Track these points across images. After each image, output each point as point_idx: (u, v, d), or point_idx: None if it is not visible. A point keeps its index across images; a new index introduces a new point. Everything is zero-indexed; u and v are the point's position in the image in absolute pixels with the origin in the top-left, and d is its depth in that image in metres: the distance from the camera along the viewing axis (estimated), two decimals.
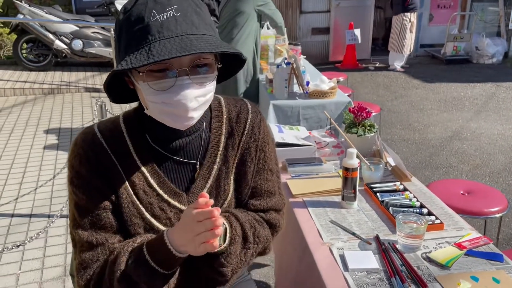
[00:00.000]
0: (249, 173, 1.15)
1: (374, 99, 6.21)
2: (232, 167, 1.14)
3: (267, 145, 1.18)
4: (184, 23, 0.92)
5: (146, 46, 0.90)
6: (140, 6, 0.93)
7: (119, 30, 0.96)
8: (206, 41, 0.91)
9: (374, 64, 8.47)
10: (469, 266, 1.28)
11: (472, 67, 8.18)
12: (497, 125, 5.15)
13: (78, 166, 1.02)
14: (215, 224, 0.89)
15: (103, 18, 8.08)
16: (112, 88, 1.03)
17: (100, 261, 1.02)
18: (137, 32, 0.92)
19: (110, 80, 0.98)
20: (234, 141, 1.13)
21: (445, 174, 3.96)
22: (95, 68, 7.99)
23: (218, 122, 1.13)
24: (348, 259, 1.31)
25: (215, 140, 1.12)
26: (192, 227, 0.90)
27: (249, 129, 1.14)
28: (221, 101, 1.17)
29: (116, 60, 1.00)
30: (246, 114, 1.15)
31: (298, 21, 8.50)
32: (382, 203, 1.60)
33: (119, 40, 0.97)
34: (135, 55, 0.90)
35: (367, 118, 2.01)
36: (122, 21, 0.96)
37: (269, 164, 1.18)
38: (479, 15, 8.78)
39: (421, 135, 4.91)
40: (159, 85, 0.93)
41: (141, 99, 1.01)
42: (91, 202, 1.02)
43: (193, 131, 1.08)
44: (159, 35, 0.90)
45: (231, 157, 1.13)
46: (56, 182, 3.72)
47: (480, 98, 6.26)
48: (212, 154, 1.11)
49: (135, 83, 0.98)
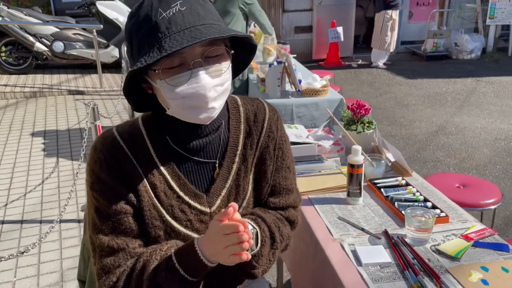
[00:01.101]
0: (268, 172, 1.16)
1: (359, 96, 6.29)
2: (251, 166, 1.14)
3: (284, 143, 1.19)
4: (191, 16, 0.93)
5: (158, 44, 0.91)
6: (145, 8, 0.95)
7: (129, 35, 0.97)
8: (215, 28, 0.93)
9: (357, 62, 8.57)
10: (478, 257, 1.32)
11: (452, 63, 8.35)
12: (479, 119, 5.28)
13: (98, 171, 1.01)
14: (241, 239, 0.90)
15: (84, 19, 7.96)
16: (130, 96, 1.03)
17: (122, 266, 1.01)
18: (147, 33, 0.93)
19: (128, 85, 0.97)
20: (253, 140, 1.14)
21: (433, 168, 4.04)
22: (77, 70, 7.86)
23: (236, 122, 1.14)
24: (361, 254, 1.33)
25: (234, 140, 1.12)
26: (220, 240, 0.92)
27: (267, 128, 1.15)
28: (237, 101, 1.17)
29: (130, 66, 1.00)
30: (263, 113, 1.16)
31: (281, 20, 8.53)
32: (387, 198, 1.63)
33: (131, 46, 0.98)
34: (148, 54, 0.91)
35: (366, 115, 2.04)
36: (131, 26, 0.97)
37: (287, 162, 1.20)
38: (457, 12, 8.97)
39: (408, 131, 4.99)
40: (176, 80, 0.94)
41: (161, 100, 1.01)
42: (112, 207, 1.01)
43: (213, 131, 1.08)
44: (168, 31, 0.91)
45: (249, 156, 1.14)
46: (45, 187, 3.66)
47: (462, 93, 6.40)
48: (231, 153, 1.12)
49: (153, 84, 0.98)
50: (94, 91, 6.65)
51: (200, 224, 1.09)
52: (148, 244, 1.06)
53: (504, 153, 4.33)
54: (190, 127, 1.03)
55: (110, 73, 7.65)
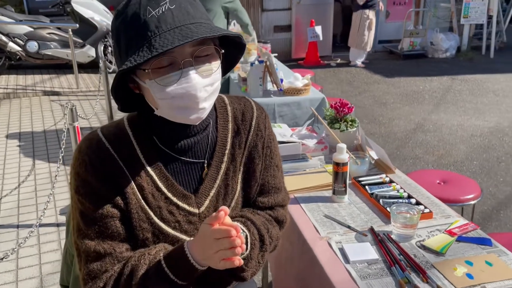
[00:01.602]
0: (257, 171, 1.15)
1: (339, 94, 6.34)
2: (239, 165, 1.13)
3: (272, 141, 1.18)
4: (180, 14, 0.91)
5: (147, 43, 0.89)
6: (133, 6, 0.92)
7: (117, 34, 0.95)
8: (205, 27, 0.92)
9: (335, 61, 8.64)
10: (462, 251, 1.34)
11: (428, 61, 8.51)
12: (456, 117, 5.39)
13: (84, 174, 0.99)
14: (233, 244, 0.88)
15: (59, 18, 7.80)
16: (118, 96, 1.00)
17: (109, 271, 0.99)
18: (136, 31, 0.91)
19: (116, 86, 0.95)
20: (241, 139, 1.13)
21: (413, 165, 4.11)
22: (52, 70, 7.69)
23: (224, 121, 1.13)
24: (348, 252, 1.34)
25: (222, 139, 1.11)
26: (211, 244, 0.90)
27: (255, 126, 1.14)
28: (224, 100, 1.16)
29: (117, 66, 0.97)
30: (251, 111, 1.15)
31: (260, 19, 8.53)
32: (372, 195, 1.64)
33: (118, 45, 0.95)
34: (137, 54, 0.89)
35: (349, 113, 2.05)
36: (118, 24, 0.94)
37: (275, 160, 1.19)
38: (432, 11, 9.14)
39: (387, 129, 5.06)
40: (166, 80, 0.92)
41: (149, 100, 0.99)
42: (98, 210, 0.98)
43: (201, 130, 1.06)
44: (158, 29, 0.89)
45: (238, 155, 1.13)
46: (22, 190, 3.56)
47: (438, 91, 6.53)
48: (219, 153, 1.10)
49: (142, 84, 0.96)
50: (70, 91, 6.52)
51: (189, 225, 1.07)
52: (135, 247, 1.04)
53: (480, 149, 4.44)
54: (178, 126, 1.02)
55: (87, 73, 7.51)
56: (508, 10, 9.45)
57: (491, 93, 6.35)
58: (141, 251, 1.00)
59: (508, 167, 4.00)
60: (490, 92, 6.37)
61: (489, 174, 3.88)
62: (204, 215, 1.09)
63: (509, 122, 5.15)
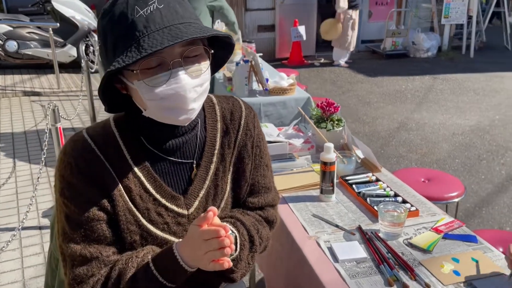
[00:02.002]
0: (247, 170, 1.15)
1: (323, 94, 6.37)
2: (229, 165, 1.12)
3: (262, 140, 1.18)
4: (169, 14, 0.90)
5: (135, 43, 0.87)
6: (120, 5, 0.91)
7: (103, 33, 0.93)
8: (195, 27, 0.91)
9: (319, 60, 8.69)
10: (448, 248, 1.36)
11: (410, 61, 8.62)
12: (438, 115, 5.48)
13: (69, 177, 0.96)
14: (223, 245, 0.88)
15: (39, 17, 7.65)
16: (105, 97, 0.98)
17: (95, 276, 0.97)
18: (123, 31, 0.89)
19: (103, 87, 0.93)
20: (230, 139, 1.12)
21: (397, 163, 4.15)
22: (32, 70, 7.55)
23: (213, 120, 1.12)
24: (337, 251, 1.34)
25: (211, 139, 1.10)
26: (199, 245, 0.90)
27: (244, 126, 1.14)
28: (212, 99, 1.15)
29: (104, 67, 0.95)
30: (239, 111, 1.15)
31: (244, 19, 8.52)
32: (359, 194, 1.65)
33: (104, 44, 0.93)
34: (125, 54, 0.87)
35: (335, 113, 2.06)
36: (105, 23, 0.92)
37: (265, 160, 1.19)
38: (413, 12, 9.27)
39: (371, 128, 5.11)
40: (155, 80, 0.91)
41: (137, 101, 0.97)
42: (84, 214, 0.96)
43: (189, 130, 1.05)
44: (146, 29, 0.88)
45: (227, 155, 1.12)
46: (2, 193, 3.48)
47: (420, 90, 6.62)
48: (208, 153, 1.09)
49: (129, 85, 0.94)
50: (51, 92, 6.40)
51: (178, 226, 1.06)
52: (122, 250, 1.02)
53: (462, 147, 4.51)
54: (166, 126, 1.00)
55: (68, 73, 7.39)
56: (487, 10, 9.64)
57: (471, 92, 6.46)
58: (128, 254, 0.99)
59: (489, 165, 4.08)
60: (470, 91, 6.49)
61: (471, 172, 3.94)
62: (193, 216, 1.07)
63: (489, 121, 5.25)
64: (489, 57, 8.74)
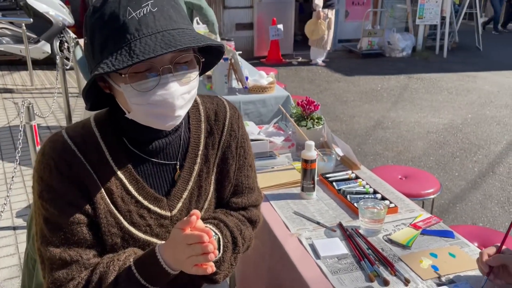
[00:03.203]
0: (231, 171, 1.14)
1: (301, 92, 6.41)
2: (213, 166, 1.12)
3: (246, 141, 1.18)
4: (163, 18, 0.88)
5: (126, 46, 0.85)
6: (112, 4, 0.88)
7: (91, 31, 0.89)
8: (189, 35, 0.89)
9: (297, 59, 8.73)
10: (426, 244, 1.39)
11: (385, 60, 8.76)
12: (413, 114, 5.59)
13: (48, 179, 0.94)
14: (206, 250, 0.87)
15: (11, 12, 7.43)
16: (87, 96, 0.96)
17: (75, 279, 0.95)
18: (113, 32, 0.86)
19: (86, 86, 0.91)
20: (214, 140, 1.11)
21: (373, 161, 4.22)
22: (4, 67, 7.34)
23: (197, 121, 1.11)
24: (318, 247, 1.35)
25: (195, 140, 1.09)
26: (183, 250, 0.89)
27: (228, 126, 1.13)
28: (196, 99, 1.14)
29: (89, 64, 0.93)
30: (224, 111, 1.14)
31: (222, 17, 8.49)
32: (339, 191, 1.67)
33: (92, 43, 0.90)
34: (115, 57, 0.85)
35: (315, 111, 2.08)
36: (94, 21, 0.89)
37: (249, 160, 1.18)
38: (389, 12, 9.42)
39: (348, 126, 5.17)
40: (143, 85, 0.89)
41: (121, 102, 0.95)
42: (64, 217, 0.94)
43: (173, 131, 1.04)
44: (138, 33, 0.85)
45: (211, 156, 1.11)
46: None
47: (396, 89, 6.74)
48: (192, 154, 1.08)
49: (115, 87, 0.92)
50: (24, 89, 6.24)
51: (160, 228, 1.05)
52: (103, 252, 1.00)
53: (436, 145, 4.62)
54: (149, 128, 0.98)
55: (42, 69, 7.22)
56: (460, 11, 9.87)
57: (445, 91, 6.62)
58: (109, 257, 0.97)
59: (462, 162, 4.19)
60: (444, 90, 6.64)
61: (445, 169, 4.04)
62: (177, 218, 1.06)
63: (462, 119, 5.39)
64: (461, 57, 8.97)
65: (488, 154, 4.39)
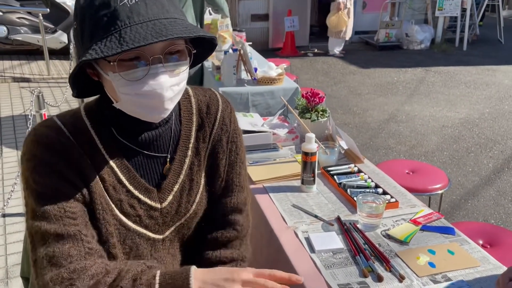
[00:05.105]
0: (221, 166, 1.13)
1: (315, 85, 6.36)
2: (204, 159, 1.10)
3: (238, 136, 1.16)
4: (155, 7, 0.87)
5: (116, 33, 0.83)
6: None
7: (81, 16, 0.88)
8: (181, 25, 0.87)
9: (312, 51, 8.65)
10: (425, 240, 1.36)
11: (403, 52, 8.61)
12: (428, 108, 5.49)
13: (42, 154, 0.91)
14: None
15: (29, 2, 7.54)
16: (75, 82, 0.95)
17: (73, 257, 0.88)
18: (104, 18, 0.85)
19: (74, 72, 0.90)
20: (205, 133, 1.10)
21: (385, 155, 4.16)
22: (22, 56, 7.45)
23: (188, 113, 1.09)
24: (314, 241, 1.34)
25: (185, 133, 1.08)
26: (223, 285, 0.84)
27: (220, 120, 1.12)
28: (188, 91, 1.12)
29: (77, 50, 0.92)
30: (216, 104, 1.12)
31: (238, 8, 8.45)
32: (340, 185, 1.65)
33: (81, 28, 0.89)
34: (104, 43, 0.83)
35: (320, 103, 2.05)
36: (84, 6, 0.87)
37: (241, 157, 1.16)
38: (408, 3, 9.23)
39: (361, 119, 5.11)
40: (131, 75, 0.88)
41: (109, 91, 0.95)
42: (59, 191, 0.91)
43: (163, 123, 1.03)
44: (129, 20, 0.84)
45: (202, 149, 1.10)
46: None
47: (412, 82, 6.62)
48: (183, 147, 1.07)
49: (103, 75, 0.91)
50: (41, 78, 6.34)
51: (150, 220, 1.04)
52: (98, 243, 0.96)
53: (450, 140, 4.53)
54: (138, 119, 0.97)
55: (59, 59, 7.31)
56: (481, 3, 9.62)
57: (462, 85, 6.48)
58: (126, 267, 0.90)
59: (477, 158, 4.10)
60: (462, 84, 6.50)
61: (459, 165, 3.97)
62: (167, 211, 1.05)
63: (479, 114, 5.27)
64: (481, 50, 8.76)
65: (504, 149, 4.28)
